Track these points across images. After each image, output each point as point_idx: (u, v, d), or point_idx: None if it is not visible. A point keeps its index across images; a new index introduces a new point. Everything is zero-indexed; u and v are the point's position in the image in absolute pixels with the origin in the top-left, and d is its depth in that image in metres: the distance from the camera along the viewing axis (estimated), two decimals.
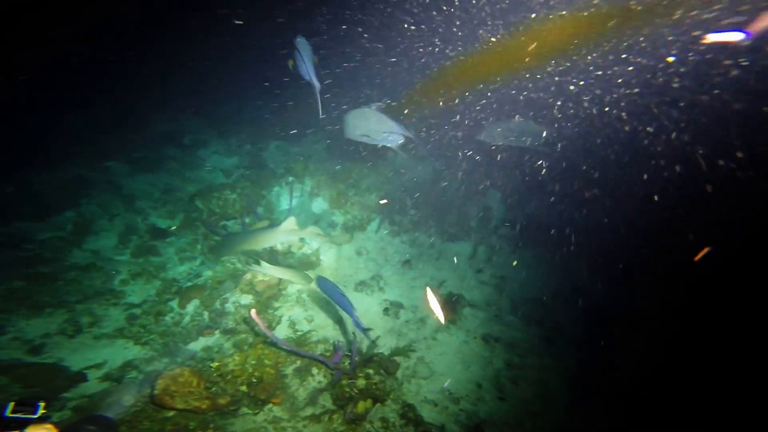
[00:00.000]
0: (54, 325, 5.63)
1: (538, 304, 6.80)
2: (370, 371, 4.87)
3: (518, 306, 6.75)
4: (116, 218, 7.22)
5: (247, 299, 6.03)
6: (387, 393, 4.82)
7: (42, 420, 1.74)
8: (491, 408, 5.21)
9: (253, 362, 4.77)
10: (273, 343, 4.92)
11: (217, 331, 5.78)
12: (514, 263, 7.19)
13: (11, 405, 1.72)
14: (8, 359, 5.03)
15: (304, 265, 6.68)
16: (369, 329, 4.70)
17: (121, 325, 5.87)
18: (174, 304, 6.15)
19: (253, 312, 4.27)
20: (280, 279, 6.06)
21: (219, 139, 9.49)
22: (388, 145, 5.22)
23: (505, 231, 8.12)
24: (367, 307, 6.20)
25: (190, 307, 6.10)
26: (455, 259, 7.41)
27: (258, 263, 4.98)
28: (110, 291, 6.28)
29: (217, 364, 4.67)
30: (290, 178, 8.39)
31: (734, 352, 5.29)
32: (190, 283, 6.39)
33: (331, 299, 4.55)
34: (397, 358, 5.46)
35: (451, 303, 6.44)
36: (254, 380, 4.66)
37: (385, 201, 7.44)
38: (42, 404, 1.77)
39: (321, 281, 4.51)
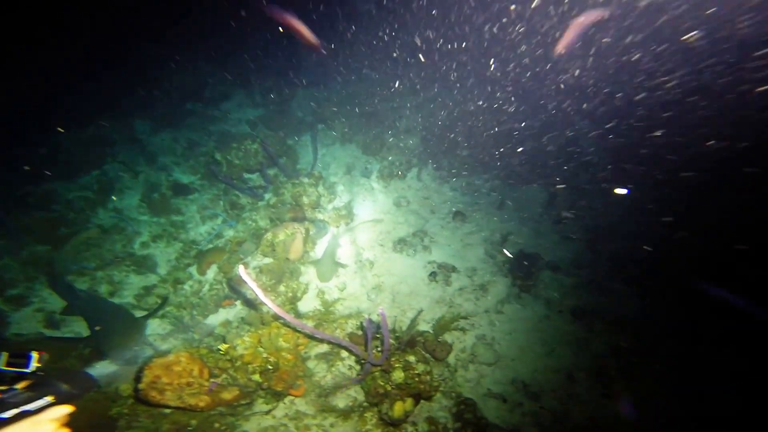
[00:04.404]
0: None
1: (656, 265, 4.83)
2: (411, 358, 3.65)
3: (623, 268, 4.90)
4: (140, 176, 6.71)
5: (269, 263, 5.08)
6: (434, 387, 3.61)
7: (34, 375, 1.54)
8: (591, 408, 3.75)
9: (267, 345, 3.81)
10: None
11: (237, 302, 5.00)
12: None
13: (5, 356, 1.54)
14: (30, 333, 4.71)
15: (335, 219, 5.50)
16: None
17: (140, 294, 5.33)
18: (193, 270, 5.45)
19: (240, 268, 2.89)
20: (305, 240, 4.96)
21: (241, 90, 8.59)
22: None
23: (599, 170, 6.00)
24: (409, 272, 4.86)
25: (210, 274, 5.35)
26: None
27: None
28: (130, 256, 5.75)
29: (226, 346, 3.76)
30: (319, 126, 7.30)
31: None
32: (210, 246, 5.61)
33: None
34: (448, 337, 4.16)
35: (522, 263, 4.83)
36: (269, 367, 3.71)
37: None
38: (35, 355, 1.55)
39: None
